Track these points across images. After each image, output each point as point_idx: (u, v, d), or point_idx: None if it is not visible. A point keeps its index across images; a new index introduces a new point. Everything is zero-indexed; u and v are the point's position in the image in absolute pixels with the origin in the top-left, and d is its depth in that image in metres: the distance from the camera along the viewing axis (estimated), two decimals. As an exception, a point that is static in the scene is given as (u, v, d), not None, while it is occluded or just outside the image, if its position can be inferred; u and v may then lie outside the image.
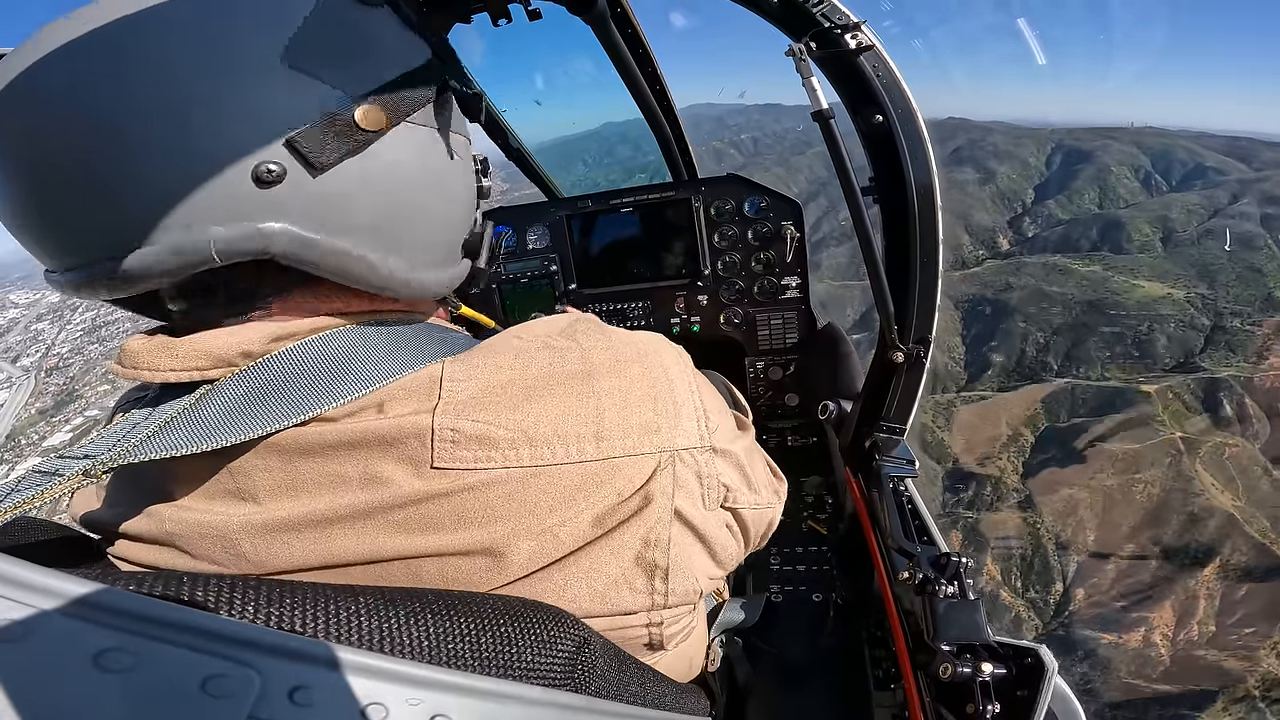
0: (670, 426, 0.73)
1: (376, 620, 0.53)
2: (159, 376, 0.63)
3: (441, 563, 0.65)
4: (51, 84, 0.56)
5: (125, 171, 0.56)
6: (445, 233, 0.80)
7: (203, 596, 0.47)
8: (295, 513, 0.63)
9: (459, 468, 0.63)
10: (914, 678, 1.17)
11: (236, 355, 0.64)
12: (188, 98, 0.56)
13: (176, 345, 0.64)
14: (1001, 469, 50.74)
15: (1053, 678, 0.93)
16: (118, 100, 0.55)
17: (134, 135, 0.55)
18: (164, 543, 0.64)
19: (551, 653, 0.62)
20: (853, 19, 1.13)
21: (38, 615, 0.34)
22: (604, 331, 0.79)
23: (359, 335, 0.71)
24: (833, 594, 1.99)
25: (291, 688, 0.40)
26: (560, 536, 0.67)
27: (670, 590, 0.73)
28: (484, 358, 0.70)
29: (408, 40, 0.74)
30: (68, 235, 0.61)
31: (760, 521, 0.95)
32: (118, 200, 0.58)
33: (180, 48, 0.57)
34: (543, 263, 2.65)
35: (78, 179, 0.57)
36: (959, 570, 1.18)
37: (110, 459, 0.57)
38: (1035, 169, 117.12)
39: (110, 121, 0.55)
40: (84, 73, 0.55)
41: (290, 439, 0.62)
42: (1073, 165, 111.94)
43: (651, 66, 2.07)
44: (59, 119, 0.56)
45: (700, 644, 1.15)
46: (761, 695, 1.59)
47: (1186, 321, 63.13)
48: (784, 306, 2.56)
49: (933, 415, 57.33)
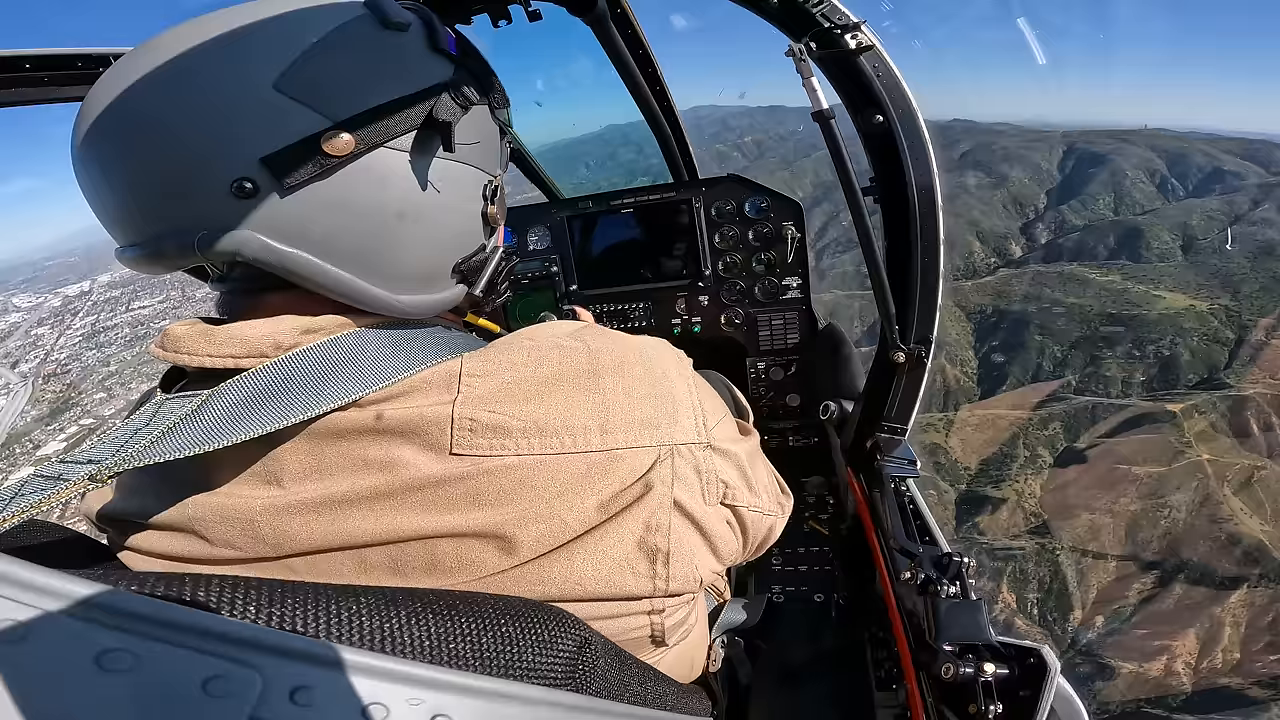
0: (669, 422, 0.77)
1: (378, 620, 0.53)
2: (196, 361, 0.69)
3: (457, 543, 0.68)
4: (118, 111, 0.65)
5: (163, 179, 0.66)
6: (424, 260, 0.81)
7: (204, 597, 0.47)
8: (317, 494, 0.67)
9: (475, 454, 0.68)
10: (916, 678, 1.16)
11: (268, 346, 0.69)
12: (195, 121, 0.64)
13: (215, 333, 0.70)
14: (1018, 491, 48.76)
15: (1055, 678, 0.93)
16: (157, 126, 0.65)
17: (171, 153, 0.65)
18: (183, 529, 0.68)
19: (552, 652, 0.63)
20: (853, 19, 1.13)
21: (39, 616, 0.34)
22: (609, 335, 0.83)
23: (383, 334, 0.76)
24: (834, 594, 1.99)
25: (292, 688, 0.40)
26: (567, 520, 0.70)
27: (671, 575, 0.76)
28: (500, 355, 0.75)
29: (423, 64, 0.75)
30: (123, 225, 0.71)
31: (760, 526, 0.97)
32: (158, 200, 0.67)
33: (204, 81, 0.65)
34: (544, 264, 2.65)
35: (137, 184, 0.67)
36: (961, 570, 1.18)
37: (115, 464, 0.58)
38: (1047, 173, 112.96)
39: (159, 143, 0.65)
40: (139, 101, 0.65)
41: (321, 425, 0.67)
42: (1086, 169, 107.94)
43: (652, 67, 2.08)
44: (122, 136, 0.66)
45: (702, 644, 1.15)
46: (763, 696, 1.58)
47: (1210, 335, 60.28)
48: (785, 307, 2.56)
49: (945, 433, 55.69)
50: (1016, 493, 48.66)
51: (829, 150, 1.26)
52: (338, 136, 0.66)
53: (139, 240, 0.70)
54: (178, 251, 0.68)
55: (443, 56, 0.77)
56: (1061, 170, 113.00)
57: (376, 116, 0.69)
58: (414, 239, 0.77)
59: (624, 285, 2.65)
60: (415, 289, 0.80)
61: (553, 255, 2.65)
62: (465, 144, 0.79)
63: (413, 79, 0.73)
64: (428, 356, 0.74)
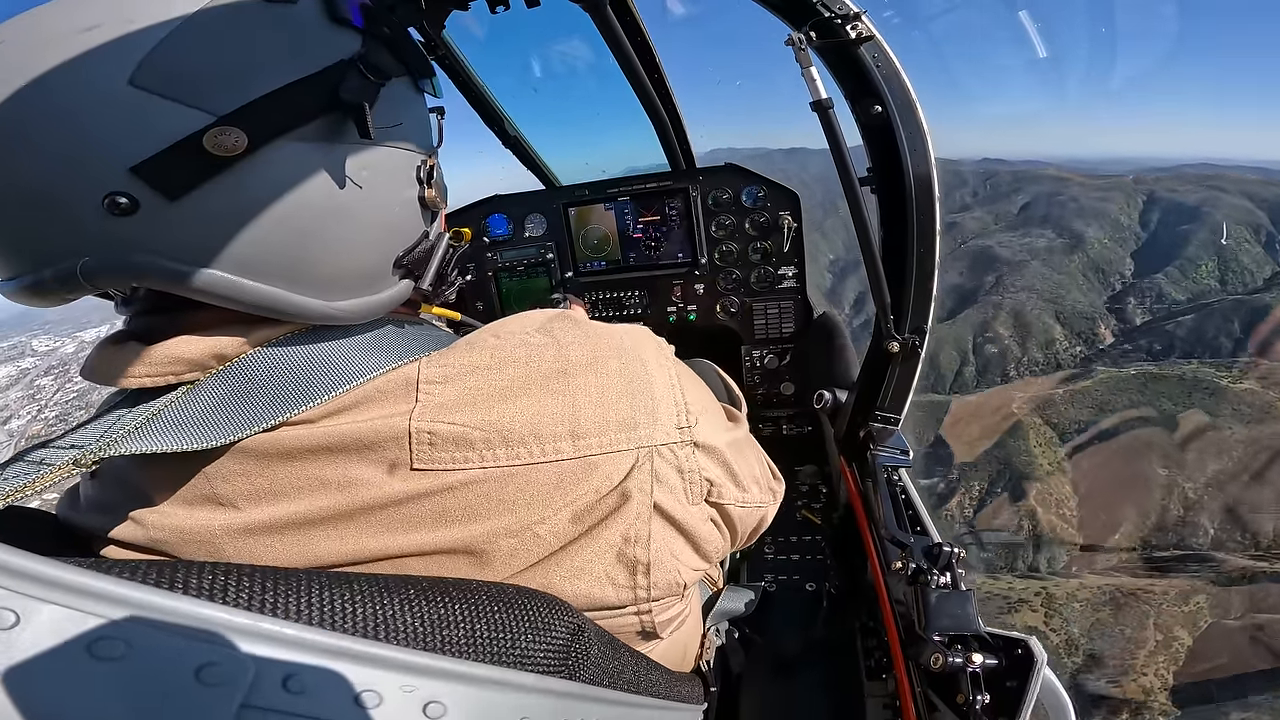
0: (648, 422, 0.73)
1: (370, 607, 0.53)
2: (134, 383, 0.63)
3: (426, 562, 0.65)
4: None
5: (20, 203, 0.55)
6: (358, 261, 0.71)
7: (197, 584, 0.47)
8: (275, 516, 0.63)
9: (438, 469, 0.64)
10: (905, 668, 1.18)
11: (210, 358, 0.64)
12: (42, 130, 0.54)
13: (150, 352, 0.63)
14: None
15: (1042, 669, 0.93)
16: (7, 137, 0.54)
17: (23, 170, 0.54)
18: (152, 550, 0.64)
19: (546, 640, 0.63)
20: (853, 9, 1.12)
21: (31, 604, 0.34)
22: (582, 327, 0.78)
23: (336, 333, 0.70)
24: (826, 584, 2.00)
25: (285, 675, 0.41)
26: (540, 534, 0.67)
27: (652, 584, 0.74)
28: (461, 356, 0.70)
29: (320, 38, 0.65)
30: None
31: (749, 519, 0.95)
32: (22, 227, 0.57)
33: (49, 82, 0.54)
34: (539, 250, 2.64)
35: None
36: (951, 561, 1.19)
37: (99, 448, 0.57)
38: (1129, 229, 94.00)
39: (5, 160, 0.54)
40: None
41: (267, 443, 0.62)
42: (1174, 225, 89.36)
43: (650, 54, 2.06)
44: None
45: (695, 633, 1.16)
46: (755, 684, 1.60)
47: None
48: (781, 296, 2.56)
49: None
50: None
51: (827, 141, 1.25)
52: (224, 133, 0.56)
53: (15, 274, 0.60)
54: (59, 284, 0.58)
55: (345, 27, 0.66)
56: (1145, 226, 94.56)
57: (269, 106, 0.58)
58: (341, 240, 0.67)
59: (620, 273, 2.64)
60: (354, 293, 0.71)
61: (549, 242, 2.64)
62: (385, 126, 0.68)
63: (309, 57, 0.62)
64: (386, 358, 0.69)
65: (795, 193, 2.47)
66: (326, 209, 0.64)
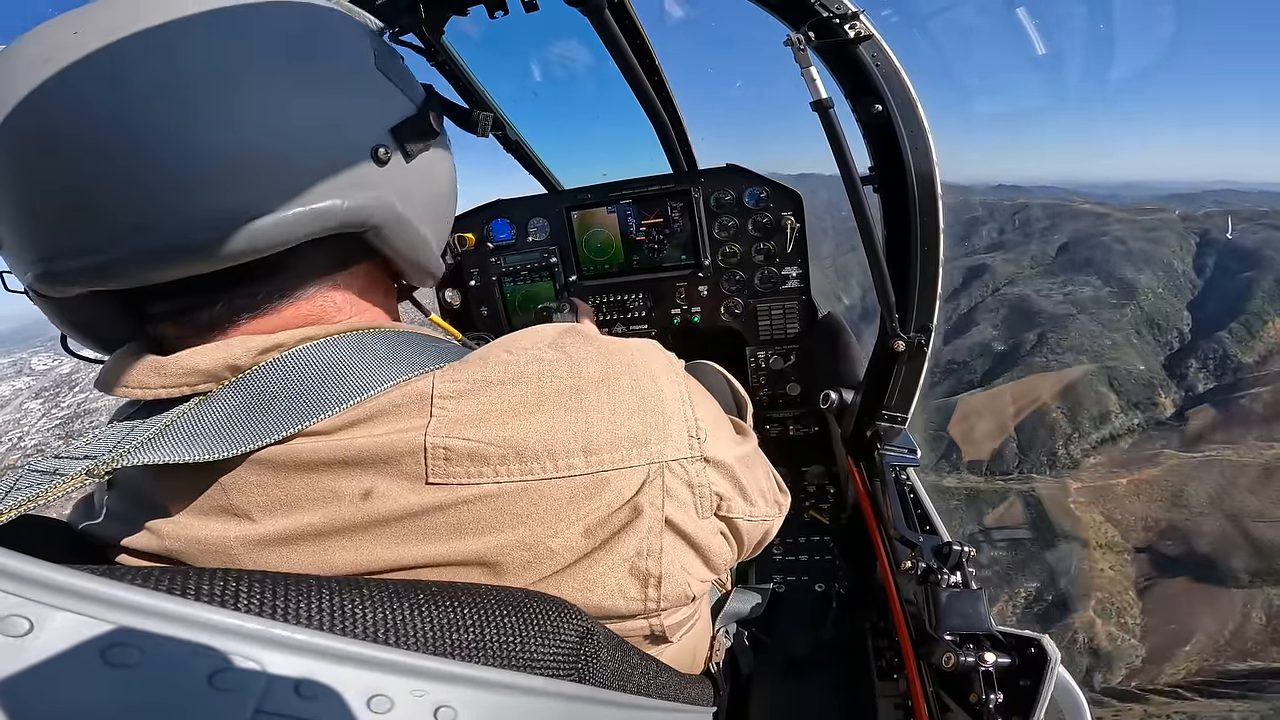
0: (659, 439, 0.74)
1: (380, 612, 0.53)
2: (149, 394, 0.65)
3: (440, 573, 0.66)
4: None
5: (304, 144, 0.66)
6: (448, 225, 0.92)
7: (209, 590, 0.47)
8: (290, 528, 0.63)
9: (453, 482, 0.65)
10: (916, 667, 1.17)
11: (223, 369, 0.65)
12: (326, 87, 0.69)
13: (164, 363, 0.65)
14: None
15: (1056, 667, 0.93)
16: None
17: (299, 114, 0.66)
18: (167, 560, 0.65)
19: (555, 643, 0.63)
20: (851, 8, 1.13)
21: (44, 611, 0.34)
22: (595, 343, 0.79)
23: (349, 343, 0.71)
24: (835, 584, 1.99)
25: (297, 680, 0.41)
26: (554, 548, 0.68)
27: (663, 596, 0.75)
28: (473, 372, 0.71)
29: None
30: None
31: (755, 532, 0.95)
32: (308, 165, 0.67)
33: (323, 48, 0.70)
34: (543, 255, 2.65)
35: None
36: (961, 560, 1.18)
37: (112, 459, 0.57)
38: (1183, 276, 79.62)
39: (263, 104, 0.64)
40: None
41: (283, 454, 0.63)
42: (1234, 272, 75.19)
43: (650, 57, 2.06)
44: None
45: (704, 636, 1.16)
46: (765, 686, 1.59)
47: None
48: (785, 296, 2.56)
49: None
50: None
51: (828, 140, 1.25)
52: (434, 114, 0.78)
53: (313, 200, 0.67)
54: (330, 222, 0.67)
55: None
56: (1199, 271, 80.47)
57: (435, 102, 0.84)
58: (450, 208, 0.91)
59: (623, 276, 2.65)
60: (438, 254, 0.90)
61: (552, 246, 2.64)
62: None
63: (416, 87, 0.87)
64: (399, 369, 0.70)
65: (798, 193, 2.47)
66: (451, 180, 0.90)
